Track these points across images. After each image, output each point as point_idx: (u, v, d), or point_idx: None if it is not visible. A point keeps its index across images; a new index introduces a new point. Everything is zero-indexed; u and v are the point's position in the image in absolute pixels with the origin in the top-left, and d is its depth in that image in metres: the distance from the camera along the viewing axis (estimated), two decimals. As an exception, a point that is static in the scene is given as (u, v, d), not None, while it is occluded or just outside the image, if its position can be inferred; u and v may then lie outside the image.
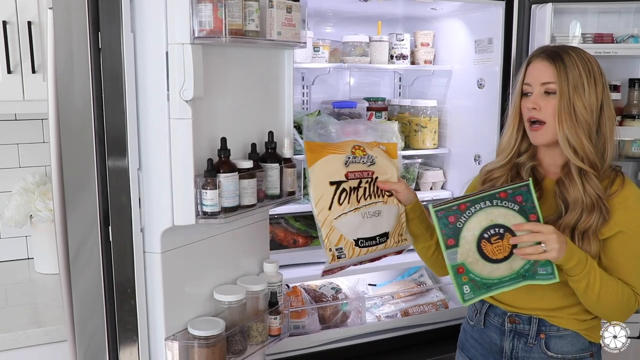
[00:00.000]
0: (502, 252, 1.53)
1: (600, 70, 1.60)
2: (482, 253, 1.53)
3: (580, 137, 1.56)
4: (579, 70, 1.58)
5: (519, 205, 1.53)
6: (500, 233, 1.52)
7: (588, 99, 1.56)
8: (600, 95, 1.58)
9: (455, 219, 1.52)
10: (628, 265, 1.59)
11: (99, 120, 1.52)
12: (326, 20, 2.95)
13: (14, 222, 2.27)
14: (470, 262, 1.54)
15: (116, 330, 1.60)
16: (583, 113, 1.56)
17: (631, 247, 1.59)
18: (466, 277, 1.55)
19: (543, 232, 1.49)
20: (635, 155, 2.58)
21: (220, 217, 1.56)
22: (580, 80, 1.57)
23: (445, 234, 1.52)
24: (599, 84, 1.58)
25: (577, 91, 1.56)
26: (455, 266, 1.54)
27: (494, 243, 1.53)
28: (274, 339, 1.84)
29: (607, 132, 1.59)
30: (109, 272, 1.58)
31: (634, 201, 1.59)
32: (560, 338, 1.66)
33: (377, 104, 2.92)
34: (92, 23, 1.48)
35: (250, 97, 1.77)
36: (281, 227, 2.61)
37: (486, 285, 1.56)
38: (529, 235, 1.50)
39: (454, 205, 1.52)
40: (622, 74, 2.60)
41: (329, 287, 2.64)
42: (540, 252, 1.49)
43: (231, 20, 1.49)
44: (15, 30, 2.02)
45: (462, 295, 1.56)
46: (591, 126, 1.57)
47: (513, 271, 1.55)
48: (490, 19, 2.57)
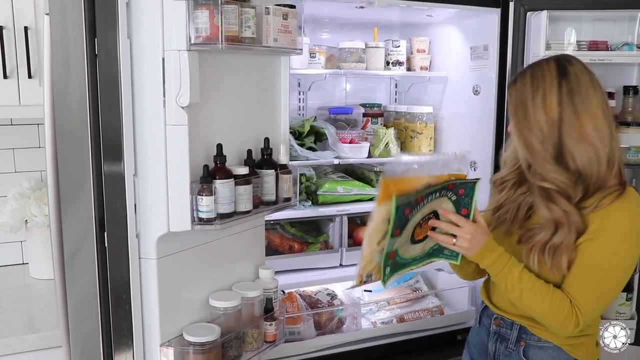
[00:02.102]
0: (424, 233, 1.62)
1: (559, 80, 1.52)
2: (414, 238, 1.61)
3: (535, 157, 1.54)
4: (524, 88, 1.56)
5: (457, 196, 1.59)
6: (430, 217, 1.60)
7: (533, 117, 1.52)
8: (554, 109, 1.51)
9: (410, 211, 1.54)
10: (579, 274, 1.54)
11: (95, 126, 1.52)
12: (322, 26, 2.96)
13: (9, 227, 2.26)
14: (401, 247, 1.60)
15: (111, 336, 1.59)
16: (527, 133, 1.54)
17: (592, 257, 1.53)
18: (392, 261, 1.60)
19: (461, 228, 1.57)
20: (631, 162, 2.58)
21: (216, 224, 1.56)
22: (525, 99, 1.55)
23: (396, 225, 1.52)
24: (550, 97, 1.51)
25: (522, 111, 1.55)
26: (389, 252, 1.57)
27: (423, 227, 1.61)
28: (270, 345, 1.84)
29: (573, 145, 1.50)
30: (104, 278, 1.57)
31: (616, 215, 1.51)
32: (540, 349, 1.65)
33: (373, 110, 2.93)
34: (88, 28, 1.48)
35: (246, 103, 1.77)
36: (277, 233, 2.61)
37: (402, 264, 1.64)
38: (447, 225, 1.59)
39: (413, 198, 1.52)
40: (617, 81, 2.60)
41: (324, 293, 2.64)
42: (450, 243, 1.59)
43: (227, 26, 1.49)
44: (12, 35, 2.02)
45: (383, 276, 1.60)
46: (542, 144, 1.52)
47: (424, 251, 1.66)
48: (485, 26, 2.58)
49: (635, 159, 2.57)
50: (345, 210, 2.64)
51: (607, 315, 2.61)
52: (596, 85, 1.54)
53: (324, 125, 2.67)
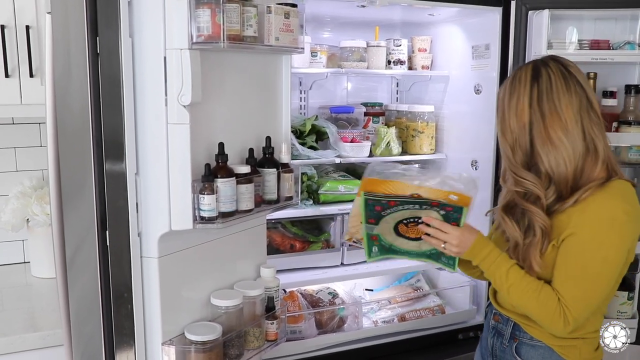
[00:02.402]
0: (415, 234, 1.69)
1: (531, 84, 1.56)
2: (397, 231, 1.70)
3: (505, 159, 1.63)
4: (504, 93, 1.62)
5: (446, 212, 1.63)
6: (417, 222, 1.67)
7: (508, 121, 1.59)
8: (524, 113, 1.56)
9: (382, 209, 1.66)
10: (565, 270, 1.54)
11: (97, 125, 1.52)
12: (324, 25, 2.96)
13: (11, 226, 2.26)
14: (384, 234, 1.71)
15: (113, 334, 1.60)
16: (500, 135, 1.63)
17: (576, 252, 1.53)
18: (378, 242, 1.73)
19: (448, 234, 1.62)
20: (632, 162, 2.58)
21: (218, 222, 1.57)
22: (503, 105, 1.62)
23: (367, 215, 1.68)
24: (522, 101, 1.57)
25: (500, 114, 1.63)
26: (370, 234, 1.72)
27: (410, 227, 1.68)
28: (271, 344, 1.84)
29: (540, 149, 1.55)
30: (106, 277, 1.57)
31: (596, 207, 1.52)
32: (532, 347, 1.65)
33: (375, 109, 2.92)
34: (90, 27, 1.48)
35: (247, 102, 1.77)
36: (278, 232, 2.62)
37: (393, 250, 1.74)
38: (434, 231, 1.64)
39: (384, 200, 1.64)
40: (618, 80, 2.60)
41: (325, 292, 2.64)
42: (440, 247, 1.65)
43: (229, 25, 1.50)
44: (13, 34, 2.02)
45: (369, 252, 1.75)
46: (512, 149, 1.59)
47: (421, 250, 1.73)
48: (487, 25, 2.58)
49: (637, 158, 2.56)
50: (347, 209, 2.63)
51: (609, 314, 2.62)
52: (572, 87, 1.55)
53: (325, 124, 2.67)
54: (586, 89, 1.57)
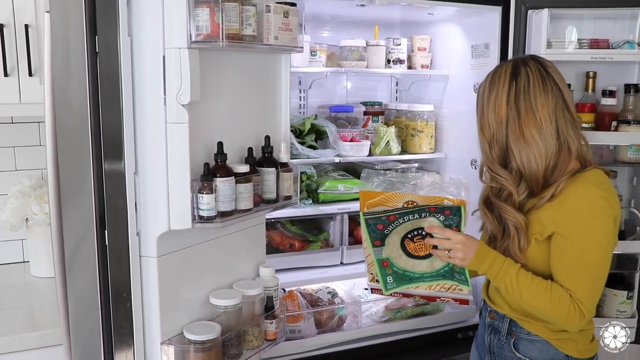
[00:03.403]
0: (423, 251, 1.64)
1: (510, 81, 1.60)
2: (405, 250, 1.65)
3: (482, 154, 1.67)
4: (483, 88, 1.66)
5: (445, 216, 1.60)
6: (422, 234, 1.63)
7: (486, 116, 1.63)
8: (502, 109, 1.60)
9: (384, 227, 1.62)
10: (563, 268, 1.57)
11: (96, 124, 1.52)
12: (323, 24, 2.95)
13: (10, 225, 2.26)
14: (394, 257, 1.66)
15: (112, 334, 1.60)
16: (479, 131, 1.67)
17: (567, 249, 1.55)
18: (390, 269, 1.67)
19: (451, 240, 1.59)
20: (631, 161, 2.58)
21: (217, 222, 1.56)
22: (481, 100, 1.66)
23: (372, 237, 1.64)
24: (500, 97, 1.60)
25: (478, 110, 1.67)
26: (381, 260, 1.66)
27: (417, 242, 1.64)
28: (270, 344, 1.84)
29: (513, 145, 1.60)
30: (105, 276, 1.57)
31: (571, 199, 1.55)
32: (530, 342, 1.67)
33: (374, 109, 2.92)
34: (89, 26, 1.48)
35: (247, 101, 1.77)
36: (277, 231, 2.61)
37: (408, 277, 1.67)
38: (439, 240, 1.61)
39: (384, 216, 1.61)
40: (618, 79, 2.60)
41: (325, 291, 2.63)
42: (445, 257, 1.61)
43: (228, 24, 1.49)
44: (12, 33, 2.02)
45: (385, 284, 1.69)
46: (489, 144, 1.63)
47: (434, 269, 1.67)
48: (486, 24, 2.58)
49: (636, 157, 2.57)
50: (346, 209, 2.64)
51: (608, 313, 2.62)
52: (549, 87, 1.59)
53: (324, 123, 2.67)
54: (563, 89, 1.62)
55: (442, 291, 1.70)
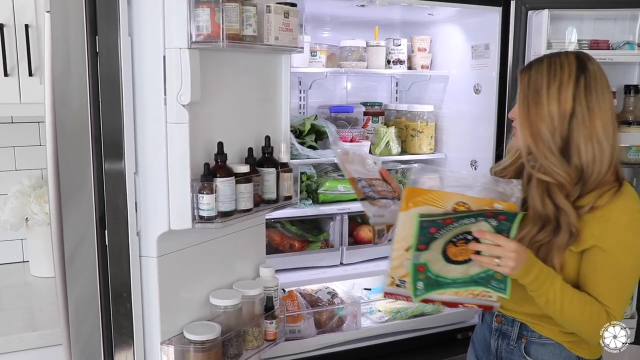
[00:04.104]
0: (463, 256, 1.51)
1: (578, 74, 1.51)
2: (445, 254, 1.52)
3: (540, 148, 1.52)
4: (541, 77, 1.54)
5: (498, 222, 1.49)
6: (467, 239, 1.50)
7: (546, 107, 1.51)
8: (567, 102, 1.49)
9: (436, 230, 1.48)
10: (602, 283, 1.53)
11: (96, 124, 1.52)
12: (324, 24, 2.95)
13: (10, 225, 2.26)
14: (431, 261, 1.52)
15: (112, 334, 1.60)
16: (537, 122, 1.52)
17: (607, 264, 1.51)
18: (424, 275, 1.53)
19: (503, 247, 1.46)
20: (631, 162, 2.58)
21: (217, 222, 1.56)
22: (540, 87, 1.53)
23: (420, 240, 1.48)
24: (565, 89, 1.50)
25: (535, 98, 1.53)
26: (417, 265, 1.52)
27: (459, 246, 1.51)
28: (270, 344, 1.84)
29: (581, 142, 1.50)
30: (105, 276, 1.57)
31: (617, 215, 1.50)
32: (542, 346, 1.64)
33: (374, 109, 2.93)
34: (89, 26, 1.48)
35: (247, 101, 1.77)
36: (277, 231, 2.61)
37: (439, 282, 1.54)
38: (488, 246, 1.48)
39: (440, 219, 1.46)
40: (618, 80, 2.60)
41: (324, 291, 2.64)
42: (493, 264, 1.47)
43: (229, 25, 1.49)
44: (13, 33, 2.02)
45: (414, 290, 1.54)
46: (551, 136, 1.51)
47: (468, 275, 1.54)
48: (487, 25, 2.58)
49: (636, 158, 2.57)
50: (346, 209, 2.64)
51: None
52: (610, 87, 1.55)
53: (324, 123, 2.67)
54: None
55: (469, 297, 1.58)
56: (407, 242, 1.51)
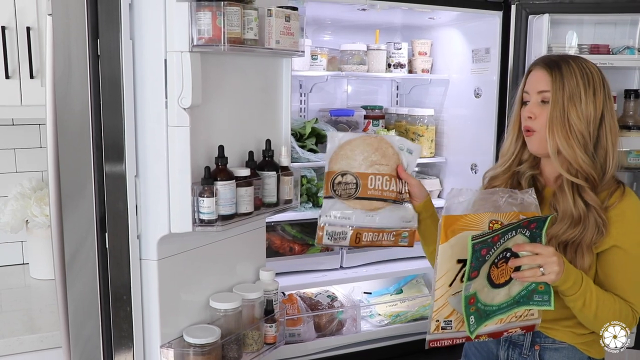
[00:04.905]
0: (504, 276, 1.47)
1: (603, 81, 1.58)
2: (490, 279, 1.47)
3: (574, 149, 1.54)
4: (576, 80, 1.56)
5: (530, 231, 1.46)
6: (506, 257, 1.46)
7: (584, 110, 1.54)
8: (600, 106, 1.55)
9: (487, 252, 1.42)
10: (625, 281, 1.56)
11: (97, 126, 1.52)
12: (324, 28, 2.96)
13: (10, 227, 2.26)
14: (479, 290, 1.46)
15: (111, 337, 1.59)
16: (577, 124, 1.54)
17: (628, 262, 1.55)
18: (474, 307, 1.46)
19: (543, 255, 1.44)
20: (632, 166, 2.58)
21: (217, 225, 1.56)
22: (577, 90, 1.55)
23: (473, 267, 1.41)
24: (598, 94, 1.56)
25: (573, 101, 1.54)
26: (469, 297, 1.44)
27: (500, 267, 1.47)
28: (270, 347, 1.84)
29: (609, 144, 1.56)
30: (105, 279, 1.57)
31: (631, 214, 1.56)
32: (556, 350, 1.64)
33: (375, 112, 2.93)
34: (91, 29, 1.48)
35: (248, 105, 1.77)
36: (278, 235, 2.61)
37: (486, 312, 1.49)
38: (529, 258, 1.45)
39: (489, 238, 1.41)
40: (618, 85, 2.60)
41: (324, 295, 2.64)
42: (538, 275, 1.45)
43: (230, 28, 1.50)
44: (14, 36, 2.02)
45: (469, 327, 1.47)
46: (587, 138, 1.54)
47: (510, 297, 1.50)
48: (487, 29, 2.58)
49: (636, 163, 2.57)
50: (346, 212, 2.63)
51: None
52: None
53: (325, 127, 2.67)
54: None
55: (512, 321, 1.54)
56: (450, 276, 1.46)
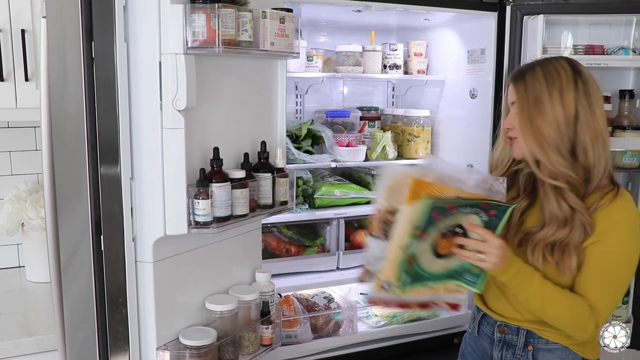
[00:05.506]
0: (447, 249, 1.54)
1: (576, 78, 1.54)
2: (434, 248, 1.53)
3: (547, 153, 1.54)
4: (539, 85, 1.56)
5: (488, 217, 1.52)
6: (455, 232, 1.52)
7: (551, 112, 1.53)
8: (570, 105, 1.52)
9: (439, 216, 1.48)
10: (591, 276, 1.55)
11: (92, 129, 1.52)
12: (320, 29, 2.96)
13: (6, 230, 2.26)
14: (421, 254, 1.52)
15: (107, 339, 1.59)
16: (544, 127, 1.53)
17: (600, 258, 1.54)
18: (411, 267, 1.52)
19: (489, 243, 1.49)
20: (626, 166, 2.59)
21: (213, 227, 1.56)
22: (541, 94, 1.55)
23: (421, 227, 1.47)
24: (567, 93, 1.53)
25: (537, 106, 1.55)
26: (410, 255, 1.50)
27: (447, 239, 1.53)
28: (266, 349, 1.84)
29: (587, 141, 1.53)
30: (101, 281, 1.57)
31: (619, 215, 1.54)
32: (549, 351, 1.64)
33: (370, 114, 2.93)
34: (85, 32, 1.48)
35: (243, 106, 1.77)
36: (274, 236, 2.61)
37: (421, 276, 1.55)
38: (475, 242, 1.51)
39: (446, 204, 1.47)
40: (613, 85, 2.61)
41: (321, 296, 2.64)
42: (476, 258, 1.51)
43: (224, 30, 1.50)
44: (9, 38, 2.02)
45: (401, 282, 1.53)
46: (559, 140, 1.53)
47: (446, 269, 1.56)
48: (482, 30, 2.59)
49: (632, 163, 2.57)
50: (342, 214, 2.64)
51: (605, 318, 2.62)
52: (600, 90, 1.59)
53: (321, 128, 2.67)
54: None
55: (442, 294, 1.61)
56: (404, 238, 1.49)
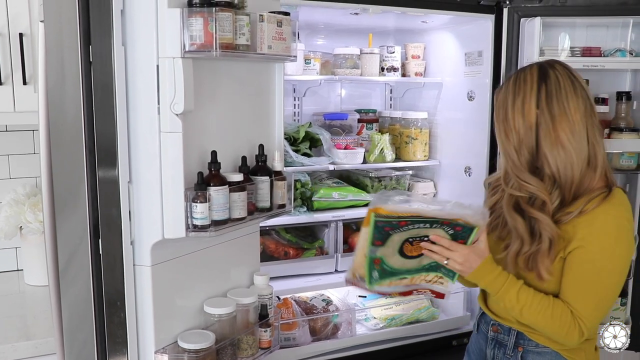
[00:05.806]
0: (417, 251, 1.61)
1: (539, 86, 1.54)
2: (402, 251, 1.61)
3: (509, 163, 1.56)
4: (507, 94, 1.58)
5: (454, 231, 1.56)
6: (423, 240, 1.59)
7: (512, 121, 1.55)
8: (531, 114, 1.53)
9: (391, 230, 1.56)
10: (573, 283, 1.54)
11: (90, 133, 1.52)
12: (317, 32, 2.97)
13: (4, 233, 2.26)
14: (387, 256, 1.61)
15: (105, 343, 1.59)
16: (504, 138, 1.57)
17: (584, 264, 1.53)
18: (379, 266, 1.62)
19: (453, 251, 1.55)
20: (624, 168, 2.59)
21: (211, 230, 1.57)
22: (506, 104, 1.57)
23: (375, 237, 1.58)
24: (529, 102, 1.53)
25: (503, 116, 1.57)
26: (373, 258, 1.61)
27: (415, 245, 1.60)
28: (265, 352, 1.84)
29: (547, 150, 1.52)
30: (99, 285, 1.57)
31: (601, 221, 1.51)
32: (538, 354, 1.65)
33: (368, 116, 2.93)
34: (83, 36, 1.48)
35: (240, 110, 1.77)
36: (272, 239, 2.61)
37: (393, 272, 1.64)
38: (439, 248, 1.56)
39: (395, 221, 1.54)
40: (610, 87, 2.61)
41: (319, 298, 2.64)
42: (443, 260, 1.57)
43: (222, 34, 1.50)
44: (7, 42, 2.02)
45: (369, 279, 1.64)
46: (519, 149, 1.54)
47: (420, 265, 1.64)
48: (480, 32, 2.59)
49: (629, 164, 2.58)
50: (341, 216, 2.64)
51: (602, 320, 2.62)
52: (578, 90, 1.55)
53: (319, 131, 2.67)
54: (589, 94, 1.57)
55: (422, 283, 1.68)
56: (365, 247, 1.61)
